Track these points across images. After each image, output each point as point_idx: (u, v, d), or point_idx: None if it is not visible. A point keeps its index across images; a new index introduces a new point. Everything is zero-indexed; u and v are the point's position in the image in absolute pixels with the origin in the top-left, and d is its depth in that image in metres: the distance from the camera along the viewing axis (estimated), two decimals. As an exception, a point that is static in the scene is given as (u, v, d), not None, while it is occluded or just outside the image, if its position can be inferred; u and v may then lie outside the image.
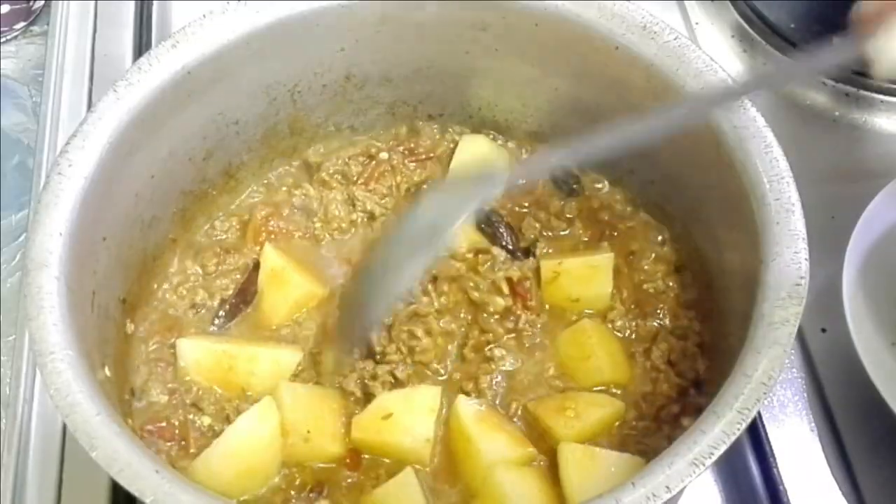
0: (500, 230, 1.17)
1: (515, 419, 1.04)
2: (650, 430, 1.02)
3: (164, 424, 1.02)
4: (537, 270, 1.13)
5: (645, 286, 1.13)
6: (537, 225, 1.18)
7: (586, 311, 1.11)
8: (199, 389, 1.05)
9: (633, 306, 1.12)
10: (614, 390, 1.06)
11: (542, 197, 1.21)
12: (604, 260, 1.12)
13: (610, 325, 1.10)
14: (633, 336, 1.10)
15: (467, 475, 1.00)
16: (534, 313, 1.10)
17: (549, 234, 1.18)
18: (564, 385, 1.07)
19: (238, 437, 0.99)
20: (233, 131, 1.14)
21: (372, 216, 1.19)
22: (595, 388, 1.06)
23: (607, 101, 1.12)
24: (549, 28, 1.09)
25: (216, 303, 1.12)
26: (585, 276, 1.11)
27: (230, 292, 1.13)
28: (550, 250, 1.16)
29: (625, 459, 0.97)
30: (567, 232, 1.18)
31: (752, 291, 0.90)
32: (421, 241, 0.98)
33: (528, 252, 1.16)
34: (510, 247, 1.16)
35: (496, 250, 1.14)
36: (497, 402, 1.05)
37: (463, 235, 1.14)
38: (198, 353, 1.06)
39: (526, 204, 1.20)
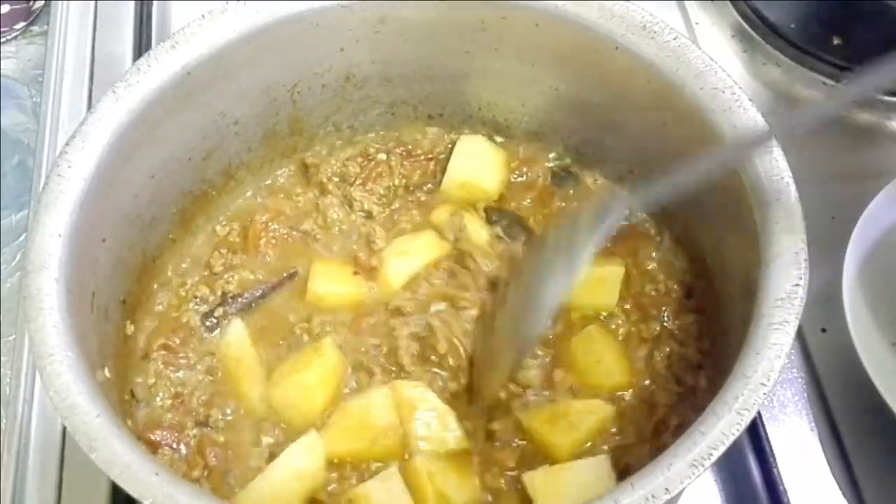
0: (509, 225, 1.17)
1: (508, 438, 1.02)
2: (650, 436, 1.01)
3: (165, 432, 1.01)
4: None
5: (646, 288, 1.12)
6: (544, 221, 1.18)
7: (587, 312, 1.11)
8: (210, 392, 1.05)
9: (634, 308, 1.11)
10: (623, 394, 1.05)
11: (544, 194, 1.21)
12: (613, 271, 1.11)
13: (612, 328, 1.10)
14: (635, 339, 1.09)
15: None
16: None
17: None
18: (577, 394, 1.05)
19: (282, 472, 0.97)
20: (233, 131, 1.14)
21: (370, 215, 1.18)
22: (607, 393, 1.05)
23: (607, 101, 1.12)
24: (549, 28, 1.08)
25: (217, 297, 1.12)
26: (593, 284, 1.09)
27: (232, 287, 1.12)
28: None
29: (588, 464, 0.97)
30: None
31: (752, 291, 0.90)
32: (554, 270, 0.98)
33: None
34: (520, 241, 1.16)
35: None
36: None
37: (476, 233, 1.14)
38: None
39: (528, 200, 1.20)
